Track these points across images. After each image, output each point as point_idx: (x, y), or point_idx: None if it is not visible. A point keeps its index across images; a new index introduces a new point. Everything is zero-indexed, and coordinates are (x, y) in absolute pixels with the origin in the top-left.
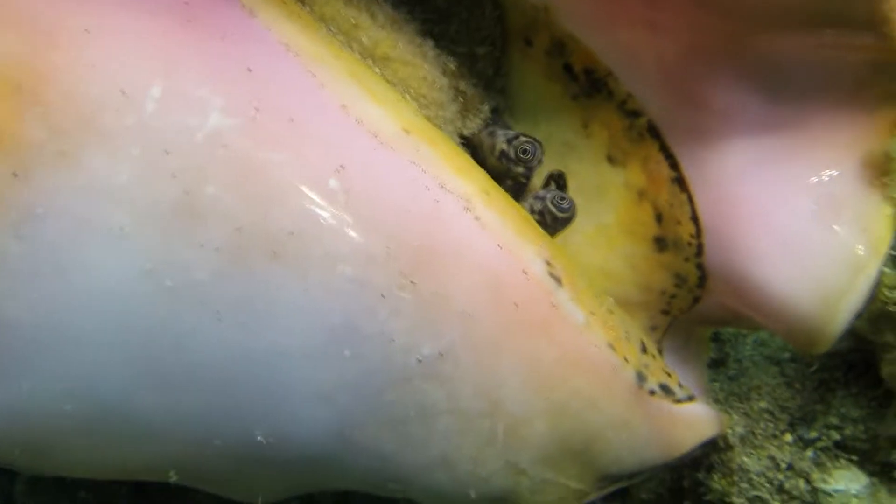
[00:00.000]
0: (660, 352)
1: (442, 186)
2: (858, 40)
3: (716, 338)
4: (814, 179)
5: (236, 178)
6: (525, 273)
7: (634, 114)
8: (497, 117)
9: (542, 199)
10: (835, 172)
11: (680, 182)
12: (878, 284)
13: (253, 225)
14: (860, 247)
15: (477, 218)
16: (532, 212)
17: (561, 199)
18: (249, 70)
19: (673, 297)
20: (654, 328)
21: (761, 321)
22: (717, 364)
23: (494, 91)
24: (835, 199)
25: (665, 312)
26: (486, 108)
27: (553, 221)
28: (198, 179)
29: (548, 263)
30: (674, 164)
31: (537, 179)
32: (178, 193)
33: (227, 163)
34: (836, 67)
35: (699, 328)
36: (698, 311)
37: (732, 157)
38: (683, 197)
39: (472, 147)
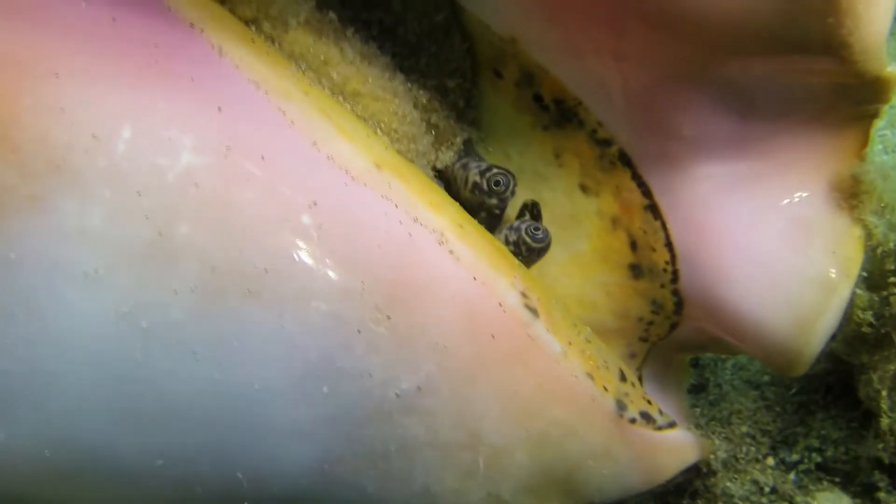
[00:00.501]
0: (639, 379)
1: (415, 220)
2: (820, 65)
3: (695, 363)
4: (784, 202)
5: (209, 216)
6: (500, 305)
7: (605, 142)
8: (470, 149)
9: (517, 229)
10: (804, 195)
11: (653, 209)
12: (852, 305)
13: (227, 263)
14: (832, 269)
15: (451, 251)
16: (507, 243)
17: (535, 230)
18: (220, 109)
19: (650, 323)
20: (632, 355)
21: (738, 345)
22: (697, 389)
23: (466, 123)
24: (805, 221)
25: (643, 339)
26: (458, 140)
27: (528, 252)
28: (171, 219)
29: (523, 295)
30: (646, 192)
31: (511, 210)
32: (152, 234)
33: (200, 202)
34: (801, 91)
35: (678, 354)
36: (676, 337)
37: (704, 183)
38: (657, 224)
39: (446, 179)
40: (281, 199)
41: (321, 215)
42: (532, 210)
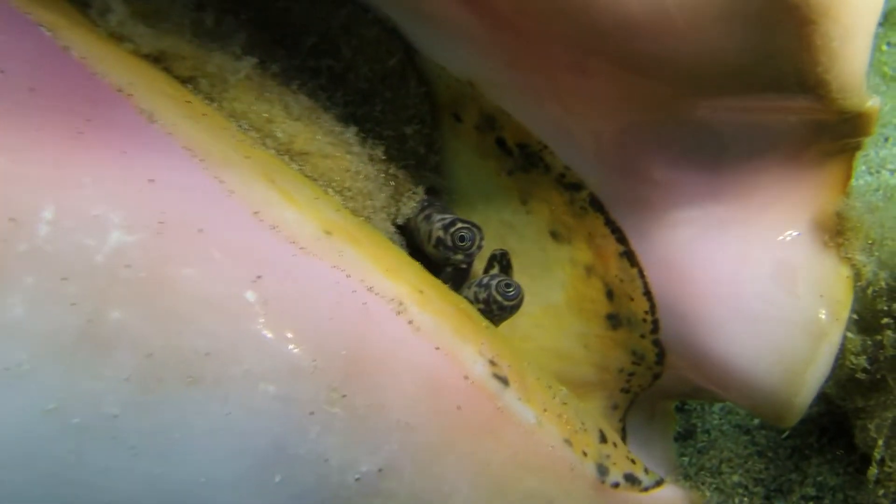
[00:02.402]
0: (623, 430)
1: (370, 290)
2: (796, 103)
3: (681, 408)
4: (767, 245)
5: (143, 299)
6: (466, 378)
7: (575, 187)
8: (433, 199)
9: (487, 286)
10: (788, 236)
11: (629, 256)
12: (843, 350)
13: (165, 349)
14: (821, 313)
15: (410, 321)
16: (476, 300)
17: (507, 287)
18: (151, 181)
19: (632, 374)
20: (614, 407)
21: (725, 396)
22: (684, 437)
23: (428, 170)
24: (790, 264)
25: (625, 391)
26: (420, 189)
27: (500, 310)
28: (101, 305)
29: (491, 363)
30: (621, 238)
31: (479, 261)
32: (81, 322)
33: (132, 284)
34: (776, 129)
35: (663, 402)
36: (660, 386)
37: (681, 228)
38: (634, 272)
39: (410, 231)
40: (222, 275)
41: (266, 290)
42: (501, 261)
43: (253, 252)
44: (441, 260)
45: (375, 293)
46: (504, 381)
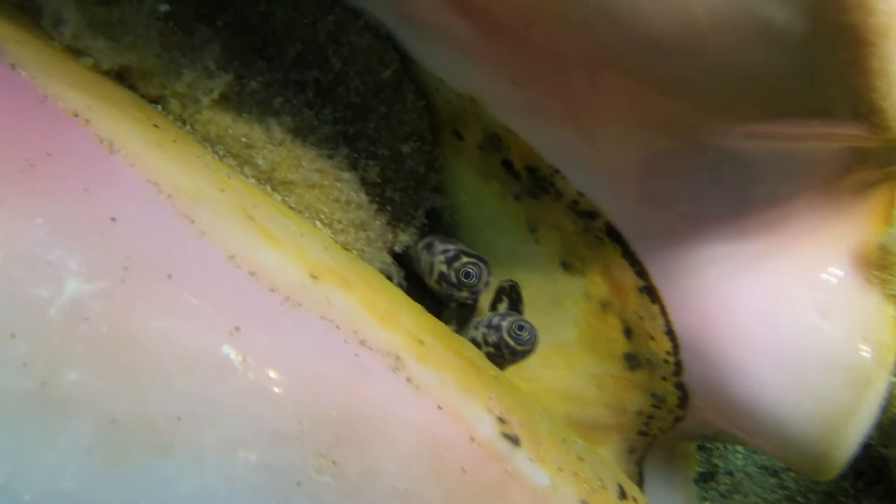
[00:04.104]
0: (640, 474)
1: (362, 343)
2: (842, 130)
3: (701, 447)
4: (802, 281)
5: (105, 357)
6: (472, 439)
7: (589, 215)
8: (435, 223)
9: (497, 328)
10: (825, 271)
11: (649, 291)
12: (889, 397)
13: (130, 413)
14: (864, 357)
15: (408, 378)
16: (485, 343)
17: (520, 330)
18: (113, 219)
19: (651, 417)
20: (631, 451)
21: (753, 442)
22: (705, 478)
23: (428, 190)
24: (827, 301)
25: (643, 434)
26: (419, 212)
27: (512, 355)
28: (55, 365)
29: (500, 420)
30: (641, 272)
31: (485, 292)
32: (32, 385)
33: (92, 340)
34: (812, 156)
35: (683, 443)
36: (682, 428)
37: (707, 262)
38: (655, 308)
39: (409, 260)
40: (194, 328)
41: (245, 345)
42: (511, 294)
43: (229, 301)
44: (445, 296)
45: (369, 347)
46: (514, 440)
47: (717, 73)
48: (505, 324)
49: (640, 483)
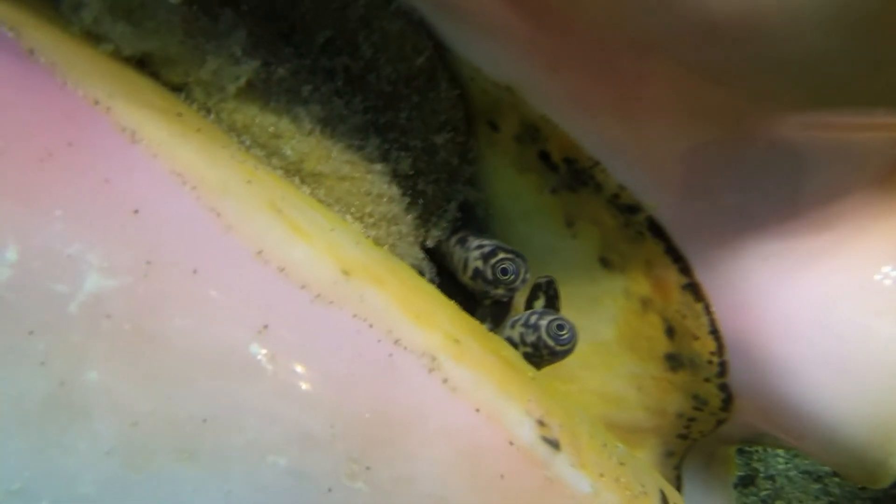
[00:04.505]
0: (678, 479)
1: (397, 343)
2: None
3: (740, 450)
4: (855, 281)
5: (127, 356)
6: (511, 443)
7: (630, 209)
8: (468, 217)
9: (535, 328)
10: (879, 271)
11: (693, 289)
12: None
13: (153, 416)
14: None
15: (445, 380)
16: (522, 342)
17: (559, 330)
18: (136, 212)
19: (692, 420)
20: (669, 454)
21: (803, 448)
22: (745, 483)
23: (462, 182)
24: (882, 302)
25: (682, 437)
26: (452, 206)
27: (551, 355)
28: (75, 364)
29: (540, 423)
30: (684, 268)
31: (520, 291)
32: (51, 386)
33: (114, 338)
34: (867, 147)
35: (722, 447)
36: (723, 431)
37: (755, 260)
38: (699, 307)
39: (441, 255)
40: (221, 326)
41: (274, 344)
42: (547, 290)
43: (257, 298)
44: (479, 293)
45: (403, 346)
46: (555, 444)
47: (777, 60)
48: (544, 323)
49: (677, 488)
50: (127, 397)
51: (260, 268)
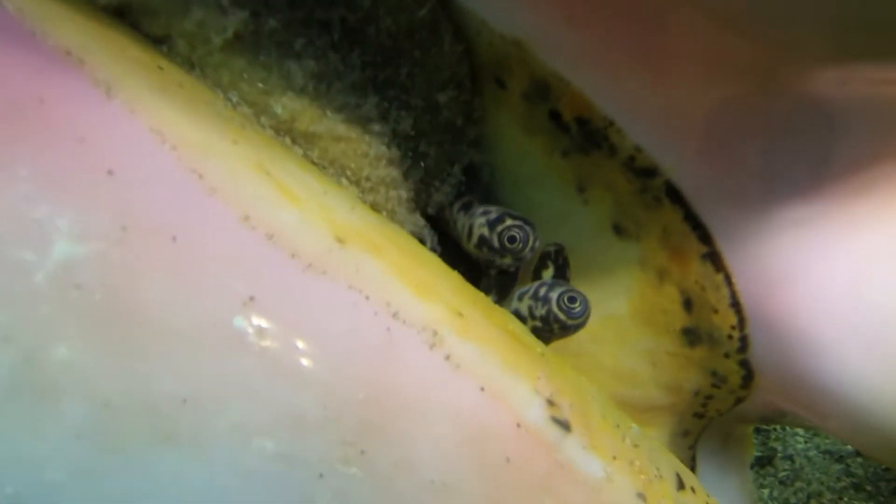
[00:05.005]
0: (693, 459)
1: (395, 316)
2: None
3: (757, 428)
4: (889, 252)
5: (99, 330)
6: (518, 425)
7: (647, 173)
8: (473, 182)
9: (545, 300)
10: None
11: (713, 258)
12: None
13: (128, 395)
14: None
15: (447, 356)
16: (530, 316)
17: (571, 302)
18: (110, 173)
19: (709, 398)
20: (685, 434)
21: (827, 428)
22: (762, 463)
23: (466, 144)
24: None
25: (699, 416)
26: (456, 169)
27: (562, 329)
28: (42, 339)
29: (549, 403)
30: (704, 236)
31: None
32: (15, 362)
33: (84, 310)
34: None
35: (739, 426)
36: (741, 410)
37: (781, 227)
38: (719, 278)
39: (444, 222)
40: (203, 297)
41: (261, 316)
42: (556, 259)
43: (243, 267)
44: (484, 262)
45: (402, 320)
46: (565, 425)
47: (811, 6)
48: (554, 295)
49: (692, 469)
50: (99, 375)
51: (246, 234)
